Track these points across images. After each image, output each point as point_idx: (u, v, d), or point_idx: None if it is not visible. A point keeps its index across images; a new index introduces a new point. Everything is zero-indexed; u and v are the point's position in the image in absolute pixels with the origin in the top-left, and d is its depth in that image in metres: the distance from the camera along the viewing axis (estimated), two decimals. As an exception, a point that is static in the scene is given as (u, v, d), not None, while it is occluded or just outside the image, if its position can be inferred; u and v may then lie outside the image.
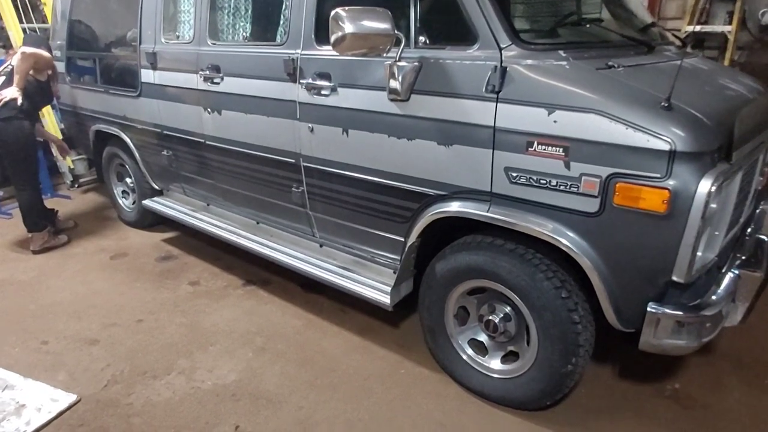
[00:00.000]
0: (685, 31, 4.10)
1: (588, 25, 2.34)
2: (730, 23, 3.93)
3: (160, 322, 2.82)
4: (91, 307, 2.97)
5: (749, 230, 2.28)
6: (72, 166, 5.07)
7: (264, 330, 2.73)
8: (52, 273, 3.40)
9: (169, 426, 2.10)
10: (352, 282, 2.49)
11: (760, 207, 2.40)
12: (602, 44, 2.14)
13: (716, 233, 1.80)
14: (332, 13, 1.84)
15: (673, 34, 2.69)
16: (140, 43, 3.23)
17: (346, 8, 1.82)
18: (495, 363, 2.19)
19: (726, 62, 3.95)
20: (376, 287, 2.42)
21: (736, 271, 1.92)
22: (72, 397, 2.24)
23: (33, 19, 5.10)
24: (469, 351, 2.25)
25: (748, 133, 1.78)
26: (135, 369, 2.44)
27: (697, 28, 4.07)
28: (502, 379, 2.15)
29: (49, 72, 3.70)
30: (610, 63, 1.85)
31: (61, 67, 4.05)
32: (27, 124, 3.49)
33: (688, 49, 4.07)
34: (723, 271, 1.96)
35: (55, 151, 4.90)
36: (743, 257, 2.03)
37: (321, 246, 2.77)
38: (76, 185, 5.12)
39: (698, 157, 1.57)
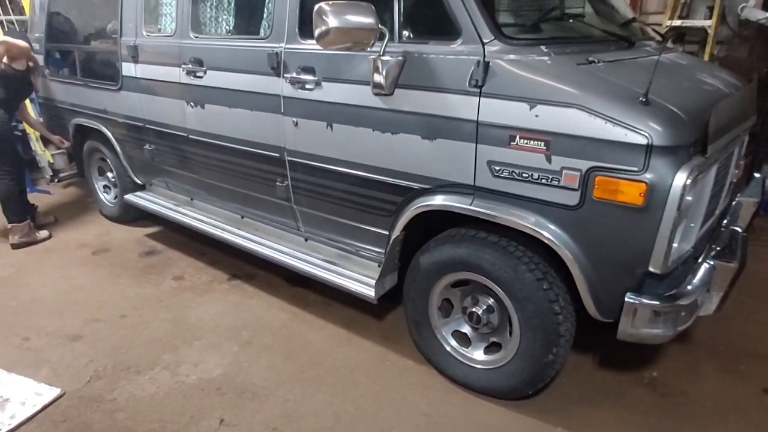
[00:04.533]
0: (666, 26, 4.15)
1: (571, 21, 2.38)
2: (710, 18, 3.99)
3: (144, 317, 2.81)
4: (73, 303, 2.94)
5: (725, 221, 2.34)
6: (51, 161, 4.97)
7: (249, 324, 2.73)
8: (33, 269, 3.36)
9: (154, 420, 2.10)
10: (337, 275, 2.50)
11: (737, 199, 2.46)
12: (584, 39, 2.18)
13: (692, 225, 1.85)
14: (316, 7, 1.84)
15: (654, 30, 2.73)
16: (121, 36, 3.19)
17: (330, 2, 1.83)
18: (478, 354, 2.22)
19: (706, 57, 4.01)
20: (361, 280, 2.43)
21: (711, 262, 1.98)
22: (56, 391, 2.23)
23: (10, 10, 4.99)
24: (453, 342, 2.28)
25: (724, 128, 1.82)
26: (118, 364, 2.43)
27: (678, 22, 4.13)
28: (485, 369, 2.18)
29: (30, 63, 3.64)
30: (590, 58, 1.88)
31: (39, 59, 3.99)
32: (1, 113, 3.43)
33: (669, 44, 4.15)
34: (699, 261, 2.01)
35: (33, 144, 4.82)
36: (719, 248, 2.09)
37: (306, 240, 2.78)
38: (56, 180, 5.01)
39: (674, 150, 1.61)
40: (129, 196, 3.69)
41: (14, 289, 3.11)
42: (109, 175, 4.00)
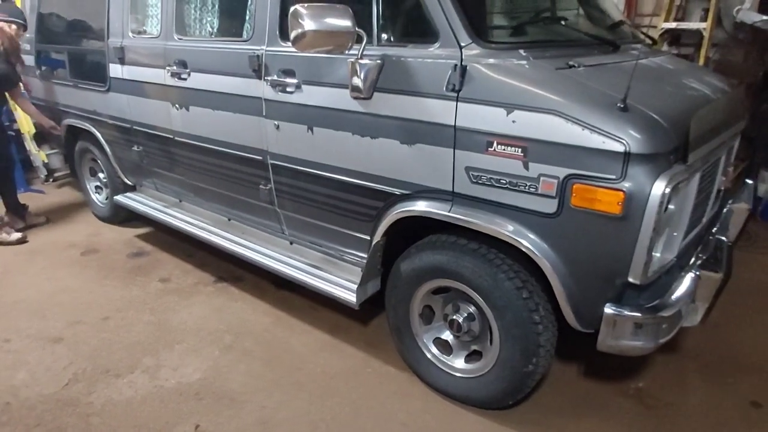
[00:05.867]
0: (662, 28, 4.10)
1: (556, 23, 2.33)
2: (705, 20, 3.93)
3: (128, 320, 2.79)
4: (57, 305, 2.93)
5: (715, 230, 2.29)
6: (46, 160, 4.99)
7: (233, 328, 2.71)
8: (19, 269, 3.35)
9: (129, 425, 2.07)
10: (320, 280, 2.47)
11: (727, 207, 2.41)
12: (567, 43, 2.13)
13: (675, 234, 1.81)
14: (291, 9, 1.81)
15: (643, 33, 2.68)
16: (108, 37, 3.17)
17: (306, 5, 1.80)
18: (459, 362, 2.18)
19: (701, 59, 3.95)
20: (344, 285, 2.40)
21: (696, 272, 1.92)
22: None
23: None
24: (434, 350, 2.24)
25: (706, 135, 1.78)
26: (98, 368, 2.41)
27: (673, 24, 4.07)
28: (465, 378, 2.14)
29: (1, 45, 3.46)
30: (570, 63, 1.84)
31: (30, 60, 3.99)
32: None
33: (665, 47, 4.08)
34: (684, 271, 1.96)
35: (28, 144, 4.83)
36: (704, 257, 2.04)
37: (291, 243, 2.75)
38: (51, 179, 5.04)
39: (653, 158, 1.56)
40: (119, 197, 3.68)
41: (-1, 291, 3.10)
42: (101, 175, 3.99)
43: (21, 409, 2.16)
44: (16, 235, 3.73)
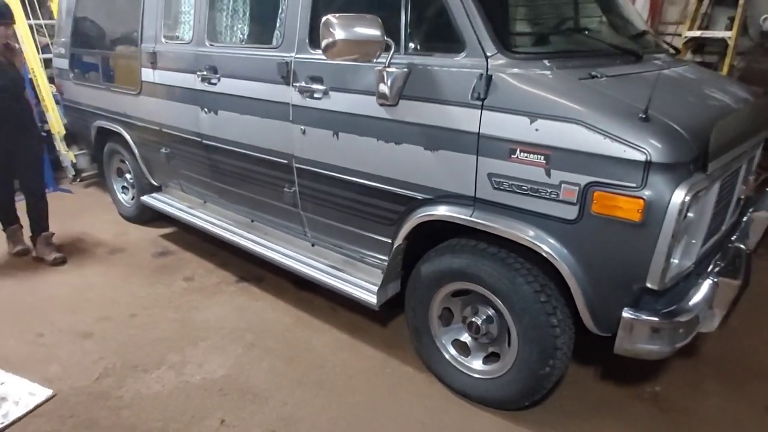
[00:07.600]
0: (686, 36, 4.11)
1: (579, 34, 2.38)
2: (731, 29, 3.93)
3: (153, 317, 2.88)
4: (86, 301, 3.03)
5: (734, 237, 2.31)
6: (74, 161, 5.13)
7: (254, 326, 2.78)
8: (51, 267, 3.45)
9: (157, 419, 2.15)
10: (341, 281, 2.54)
11: (748, 215, 2.43)
12: (590, 53, 2.17)
13: (693, 241, 1.84)
14: (323, 19, 1.88)
15: (666, 42, 2.71)
16: (141, 42, 3.28)
17: (337, 15, 1.87)
18: (477, 363, 2.23)
19: (725, 68, 3.95)
20: (364, 287, 2.46)
21: (714, 279, 1.95)
22: (48, 392, 2.28)
23: (40, 15, 5.16)
24: (452, 351, 2.29)
25: (727, 144, 1.81)
26: (126, 363, 2.49)
27: (698, 33, 4.08)
28: (483, 379, 2.19)
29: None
30: (593, 73, 1.88)
31: (65, 63, 4.13)
32: None
33: (688, 56, 4.08)
34: (702, 277, 1.99)
35: (58, 145, 4.97)
36: (723, 264, 2.06)
37: (313, 245, 2.82)
38: (78, 179, 5.18)
39: (673, 167, 1.60)
40: (145, 198, 3.79)
41: (32, 286, 3.21)
42: (128, 176, 4.10)
43: (55, 401, 2.25)
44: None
